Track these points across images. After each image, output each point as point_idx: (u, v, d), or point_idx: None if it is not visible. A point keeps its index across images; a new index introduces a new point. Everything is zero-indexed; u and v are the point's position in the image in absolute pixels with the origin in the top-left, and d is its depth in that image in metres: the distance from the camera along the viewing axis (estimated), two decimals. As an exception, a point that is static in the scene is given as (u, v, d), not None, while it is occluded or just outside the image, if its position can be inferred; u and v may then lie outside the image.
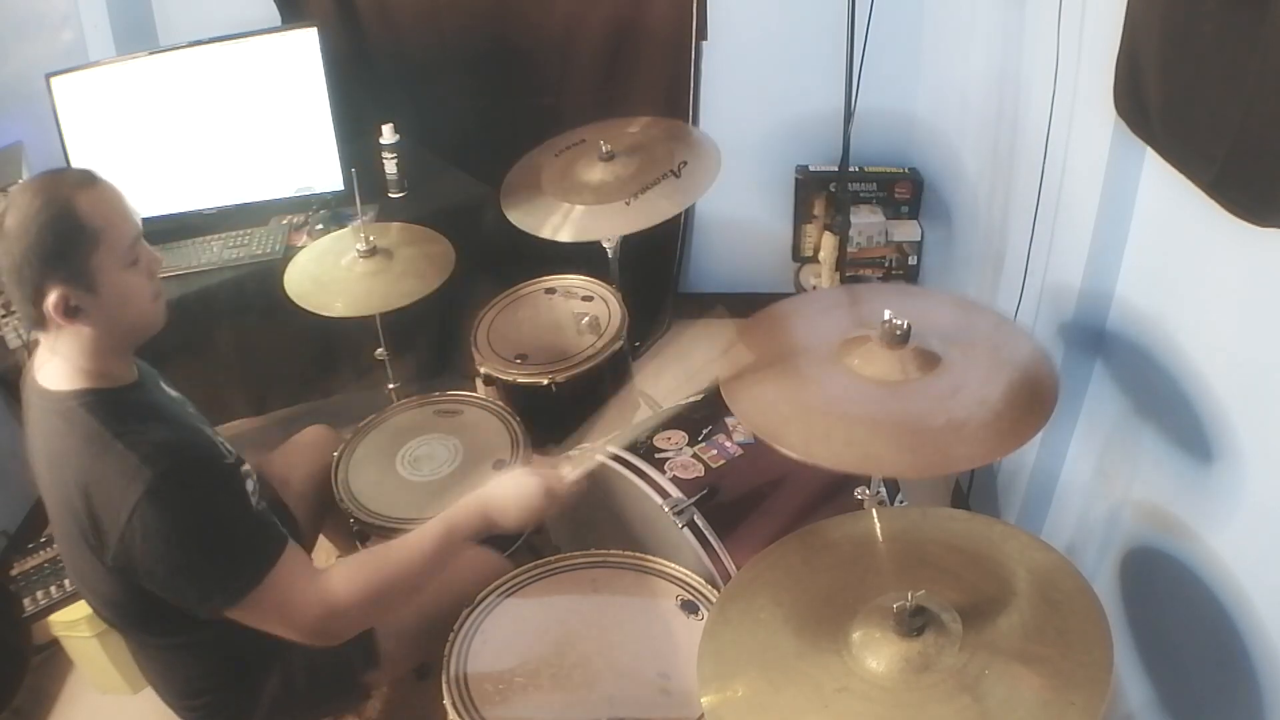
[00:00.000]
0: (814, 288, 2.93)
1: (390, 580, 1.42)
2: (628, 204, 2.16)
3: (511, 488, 1.49)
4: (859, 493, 1.69)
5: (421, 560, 1.43)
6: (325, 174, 2.53)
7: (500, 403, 2.11)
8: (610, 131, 2.32)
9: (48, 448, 1.35)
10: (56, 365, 1.36)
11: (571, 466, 1.60)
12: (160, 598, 1.34)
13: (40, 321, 1.32)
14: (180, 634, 1.44)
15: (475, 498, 1.49)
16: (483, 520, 1.47)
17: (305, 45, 2.43)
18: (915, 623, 1.14)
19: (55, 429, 1.34)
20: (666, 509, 1.69)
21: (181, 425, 1.43)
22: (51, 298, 1.28)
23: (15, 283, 1.29)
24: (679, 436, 1.87)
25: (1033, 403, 1.36)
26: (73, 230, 1.28)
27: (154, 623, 1.42)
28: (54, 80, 2.34)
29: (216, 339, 2.43)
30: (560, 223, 2.17)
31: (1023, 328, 1.62)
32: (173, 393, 1.55)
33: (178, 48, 2.42)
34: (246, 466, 1.50)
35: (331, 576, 1.39)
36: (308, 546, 1.88)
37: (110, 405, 1.34)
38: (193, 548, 1.30)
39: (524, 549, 1.97)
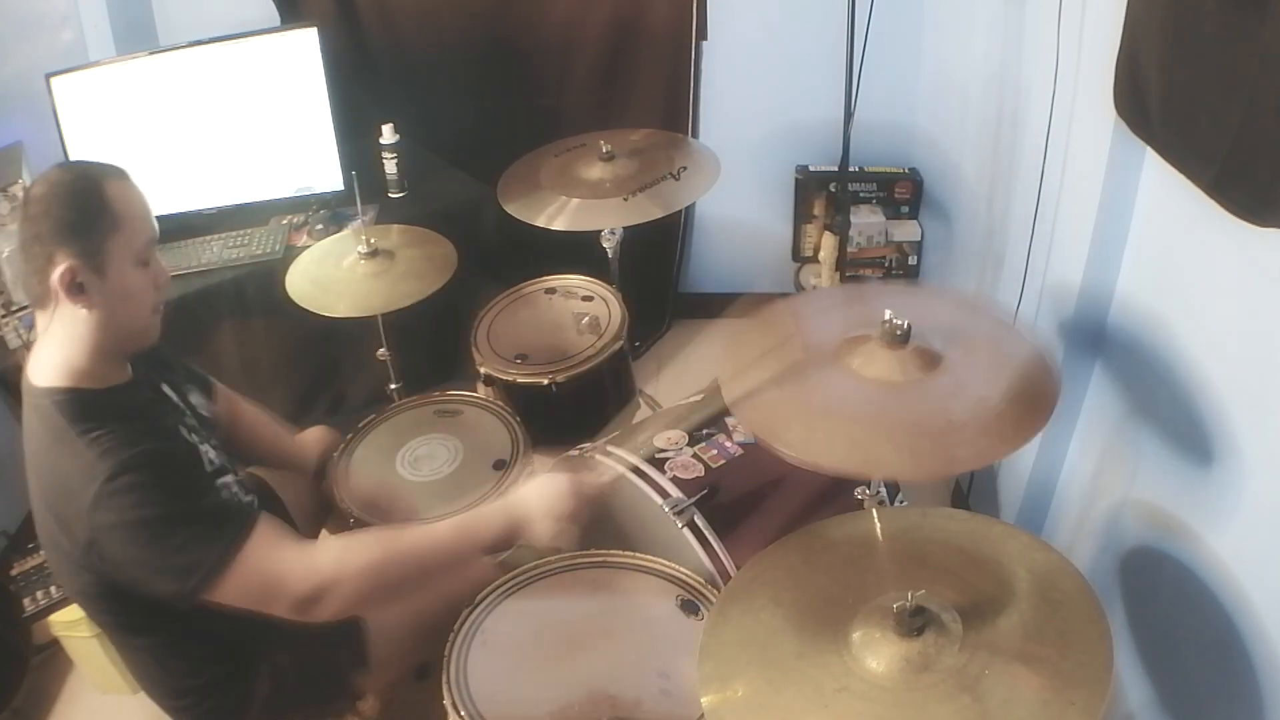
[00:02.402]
0: (814, 288, 2.93)
1: (390, 563, 1.39)
2: (625, 200, 2.16)
3: (537, 488, 1.49)
4: (859, 493, 1.69)
5: (430, 551, 1.43)
6: (325, 174, 2.53)
7: (500, 403, 2.11)
8: (611, 137, 2.33)
9: (29, 446, 1.36)
10: (47, 354, 1.35)
11: (597, 472, 1.60)
12: (137, 596, 1.32)
13: (43, 297, 1.33)
14: (159, 632, 1.44)
15: (502, 501, 1.50)
16: (507, 522, 1.47)
17: (305, 45, 2.44)
18: (915, 623, 1.14)
19: (33, 427, 1.34)
20: (666, 509, 1.68)
21: (152, 425, 1.39)
22: (60, 268, 1.30)
23: (30, 250, 1.31)
24: (679, 436, 1.86)
25: (1034, 402, 1.35)
26: (96, 208, 1.32)
27: (132, 620, 1.41)
28: (54, 80, 2.34)
29: (217, 339, 2.43)
30: (556, 213, 2.17)
31: (1023, 326, 1.61)
32: (175, 399, 1.54)
33: (178, 48, 2.42)
34: (228, 479, 1.49)
35: (322, 548, 1.38)
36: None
37: (81, 405, 1.32)
38: (155, 536, 1.27)
39: (524, 549, 1.96)
